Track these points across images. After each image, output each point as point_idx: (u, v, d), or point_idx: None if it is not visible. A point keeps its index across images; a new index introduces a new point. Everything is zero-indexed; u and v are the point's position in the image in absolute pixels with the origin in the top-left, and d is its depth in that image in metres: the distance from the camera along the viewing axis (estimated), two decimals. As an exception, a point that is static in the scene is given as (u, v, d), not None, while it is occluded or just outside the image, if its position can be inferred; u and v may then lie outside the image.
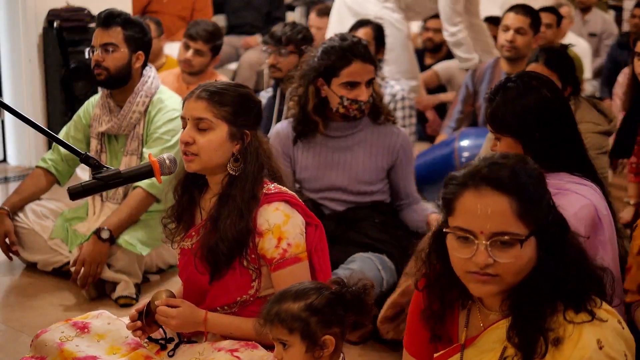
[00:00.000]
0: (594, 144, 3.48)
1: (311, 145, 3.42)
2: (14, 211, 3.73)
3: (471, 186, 1.69)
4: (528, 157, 1.79)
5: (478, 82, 4.98)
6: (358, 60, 3.24)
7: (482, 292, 1.73)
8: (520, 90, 2.40)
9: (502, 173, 1.68)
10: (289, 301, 2.00)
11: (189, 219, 2.45)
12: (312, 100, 3.33)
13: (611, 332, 1.68)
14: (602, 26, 7.94)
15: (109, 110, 3.74)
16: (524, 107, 2.37)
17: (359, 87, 3.26)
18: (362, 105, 3.28)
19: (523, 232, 1.66)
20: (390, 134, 3.43)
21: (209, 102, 2.33)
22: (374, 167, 3.42)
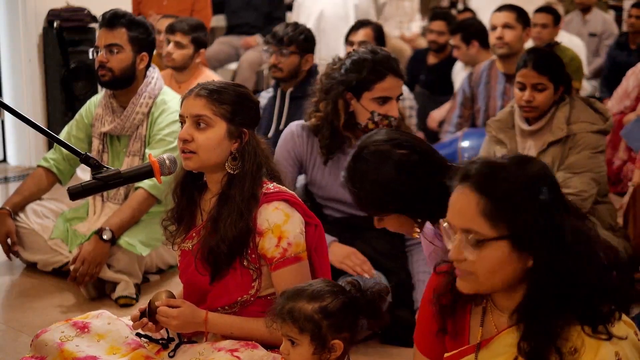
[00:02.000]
0: (589, 144, 3.49)
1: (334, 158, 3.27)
2: (15, 211, 3.73)
3: (459, 182, 1.70)
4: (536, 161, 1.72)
5: (475, 85, 4.98)
6: (392, 75, 3.12)
7: (462, 288, 1.72)
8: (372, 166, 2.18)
9: (480, 171, 1.67)
10: (304, 301, 2.00)
11: (189, 220, 2.45)
12: (342, 116, 3.17)
13: (629, 344, 1.67)
14: (603, 26, 7.94)
15: (111, 111, 3.74)
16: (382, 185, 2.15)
17: (390, 103, 3.13)
18: (393, 121, 3.13)
19: (489, 234, 1.64)
20: None
21: (208, 99, 2.33)
22: None
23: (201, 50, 4.90)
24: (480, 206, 1.64)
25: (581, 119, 3.52)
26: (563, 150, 3.50)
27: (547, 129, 3.54)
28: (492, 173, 1.66)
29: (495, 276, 1.67)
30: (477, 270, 1.67)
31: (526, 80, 3.49)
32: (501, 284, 1.69)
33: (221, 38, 7.76)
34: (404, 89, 4.91)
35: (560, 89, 3.52)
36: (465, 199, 1.66)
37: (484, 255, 1.65)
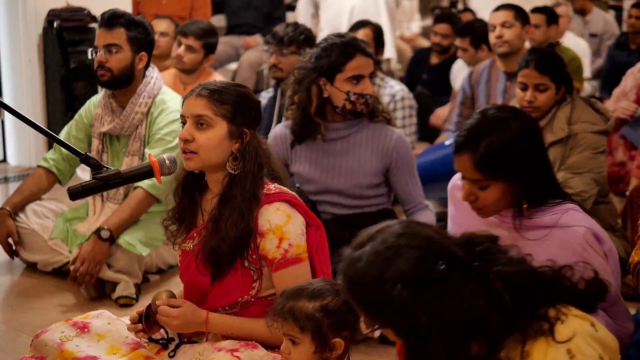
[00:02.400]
0: (590, 144, 3.49)
1: (308, 149, 3.38)
2: (15, 211, 3.73)
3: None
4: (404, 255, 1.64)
5: (475, 84, 4.98)
6: (360, 54, 3.23)
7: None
8: (505, 130, 2.21)
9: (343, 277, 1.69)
10: (305, 299, 2.00)
11: (190, 220, 2.45)
12: (314, 101, 3.28)
13: (582, 338, 1.67)
14: (603, 27, 7.94)
15: (111, 111, 3.74)
16: (520, 147, 2.21)
17: (364, 81, 3.24)
18: (369, 99, 3.26)
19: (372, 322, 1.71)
20: (383, 136, 3.36)
21: (209, 99, 2.33)
22: (369, 170, 3.35)
23: (210, 56, 4.91)
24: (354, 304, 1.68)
25: (582, 119, 3.52)
26: (564, 151, 3.51)
27: (548, 129, 3.54)
28: (352, 280, 1.65)
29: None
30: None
31: (528, 80, 3.49)
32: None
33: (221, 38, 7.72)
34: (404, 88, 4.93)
35: (562, 89, 3.52)
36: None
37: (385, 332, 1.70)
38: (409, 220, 1.74)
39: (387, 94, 4.83)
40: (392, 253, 1.63)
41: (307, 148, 3.39)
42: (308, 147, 3.39)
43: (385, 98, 4.82)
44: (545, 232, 2.23)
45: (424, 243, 1.66)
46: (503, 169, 2.19)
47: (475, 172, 2.20)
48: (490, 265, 1.71)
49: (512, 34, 4.64)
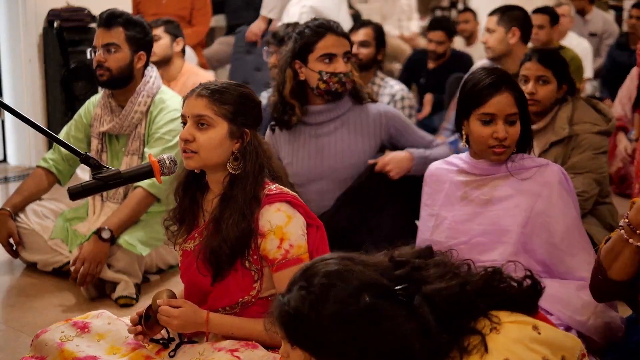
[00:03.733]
0: (592, 144, 3.48)
1: (295, 136, 3.41)
2: (15, 211, 3.73)
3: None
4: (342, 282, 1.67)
5: (477, 83, 4.98)
6: (331, 34, 3.28)
7: None
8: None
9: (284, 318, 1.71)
10: None
11: (190, 220, 2.45)
12: (289, 83, 3.36)
13: (521, 344, 1.64)
14: (603, 26, 7.94)
15: (110, 110, 3.74)
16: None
17: (337, 60, 3.27)
18: (342, 78, 3.28)
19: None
20: (369, 111, 3.43)
21: (210, 99, 2.33)
22: (361, 150, 3.39)
23: (178, 39, 4.95)
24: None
25: (584, 120, 3.52)
26: (565, 151, 3.50)
27: (549, 129, 3.54)
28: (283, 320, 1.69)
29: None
30: None
31: (530, 72, 3.50)
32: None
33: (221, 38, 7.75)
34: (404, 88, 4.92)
35: (564, 88, 3.52)
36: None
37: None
38: (333, 257, 1.74)
39: (387, 93, 4.83)
40: (316, 296, 1.65)
41: (293, 136, 3.41)
42: (294, 135, 3.41)
43: (385, 98, 4.82)
44: (533, 172, 2.69)
45: (346, 279, 1.65)
46: (526, 107, 2.69)
47: (514, 106, 2.62)
48: (418, 285, 1.69)
49: (493, 39, 4.73)
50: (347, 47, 3.33)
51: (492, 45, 4.73)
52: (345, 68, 3.30)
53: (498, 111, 2.61)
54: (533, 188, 2.67)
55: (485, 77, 2.64)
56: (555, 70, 3.50)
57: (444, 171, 2.83)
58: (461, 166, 2.78)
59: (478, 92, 2.63)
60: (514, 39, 4.67)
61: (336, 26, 3.32)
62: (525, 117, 2.69)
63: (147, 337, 2.35)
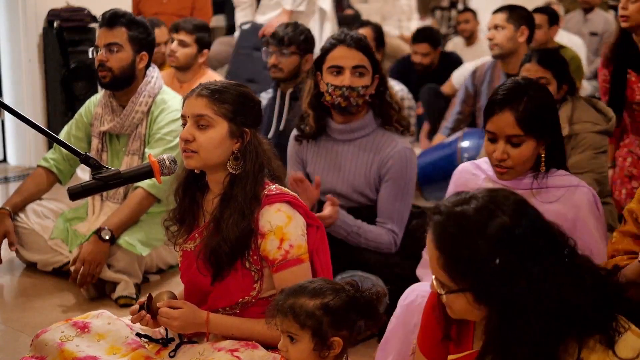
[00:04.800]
0: (592, 144, 3.48)
1: (320, 147, 3.35)
2: (15, 211, 3.73)
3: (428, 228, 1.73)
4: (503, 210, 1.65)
5: (479, 82, 4.98)
6: (342, 46, 3.17)
7: (451, 316, 1.79)
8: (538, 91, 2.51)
9: (438, 227, 1.67)
10: (306, 297, 2.00)
11: (191, 221, 2.45)
12: (308, 93, 3.30)
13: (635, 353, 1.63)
14: (604, 25, 7.94)
15: (111, 110, 3.74)
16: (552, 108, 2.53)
17: (343, 73, 3.16)
18: (345, 92, 3.13)
19: (450, 285, 1.68)
20: (387, 145, 3.24)
21: (210, 99, 2.33)
22: (365, 176, 3.27)
23: (204, 51, 4.90)
24: (440, 261, 1.67)
25: (584, 119, 3.52)
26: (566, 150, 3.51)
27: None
28: (449, 231, 1.65)
29: (465, 316, 1.74)
30: (453, 312, 1.75)
31: (530, 74, 3.50)
32: (473, 319, 1.75)
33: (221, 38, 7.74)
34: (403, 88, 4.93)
35: (564, 88, 3.52)
36: (429, 249, 1.70)
37: (452, 300, 1.72)
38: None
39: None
40: (498, 210, 1.63)
41: (318, 147, 3.36)
42: (319, 146, 3.36)
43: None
44: (560, 193, 2.51)
45: (533, 215, 1.67)
46: (540, 126, 2.45)
47: (516, 127, 2.42)
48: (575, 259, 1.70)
49: (502, 37, 4.65)
50: (359, 60, 3.16)
51: (500, 42, 4.66)
52: (350, 82, 3.14)
53: (497, 130, 2.46)
54: (558, 209, 2.46)
55: (498, 93, 2.51)
56: (556, 71, 3.50)
57: (471, 176, 2.70)
58: (489, 173, 2.64)
59: (487, 107, 2.51)
60: (523, 37, 4.65)
61: (351, 38, 3.18)
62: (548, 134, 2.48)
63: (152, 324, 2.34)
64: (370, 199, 3.31)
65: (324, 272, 2.43)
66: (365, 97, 3.18)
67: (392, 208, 3.26)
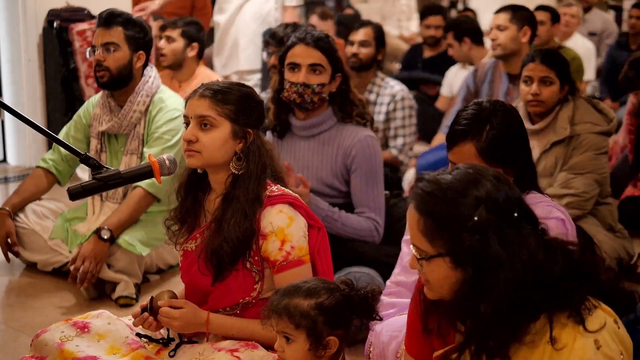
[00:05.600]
0: (593, 145, 3.49)
1: (286, 144, 3.38)
2: (14, 211, 3.73)
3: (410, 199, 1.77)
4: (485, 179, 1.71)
5: (480, 81, 4.97)
6: (302, 44, 3.20)
7: (426, 293, 1.80)
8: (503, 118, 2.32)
9: (422, 191, 1.72)
10: (300, 297, 2.01)
11: (192, 220, 2.45)
12: (272, 88, 3.37)
13: (608, 332, 1.69)
14: (602, 25, 7.95)
15: (109, 110, 3.74)
16: (518, 135, 2.33)
17: (300, 70, 3.19)
18: (300, 88, 3.17)
19: (429, 251, 1.70)
20: (348, 136, 3.27)
21: (212, 100, 2.33)
22: (331, 169, 3.29)
23: (193, 44, 4.87)
24: (420, 225, 1.71)
25: (584, 120, 3.52)
26: (566, 151, 3.51)
27: (550, 129, 3.54)
28: (432, 194, 1.70)
29: (443, 287, 1.74)
30: (430, 282, 1.76)
31: (533, 73, 3.50)
32: (450, 294, 1.74)
33: (221, 38, 7.74)
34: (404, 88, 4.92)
35: (566, 88, 3.52)
36: (410, 216, 1.74)
37: (430, 269, 1.73)
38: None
39: (387, 94, 4.83)
40: (480, 177, 1.71)
41: (287, 145, 3.38)
42: (288, 143, 3.38)
43: (385, 98, 4.82)
44: None
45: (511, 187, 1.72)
46: (504, 155, 2.27)
47: (478, 159, 2.27)
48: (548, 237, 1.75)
49: (505, 37, 4.63)
50: (316, 59, 3.18)
51: (502, 42, 4.65)
52: (305, 79, 3.17)
53: (460, 162, 2.21)
54: None
55: (459, 121, 2.33)
56: (558, 71, 3.50)
57: None
58: None
59: (448, 135, 2.37)
60: (525, 38, 4.64)
61: (310, 37, 3.20)
62: (515, 162, 2.32)
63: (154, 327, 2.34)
64: (342, 192, 3.34)
65: (325, 273, 2.43)
66: (321, 94, 3.22)
67: (366, 196, 3.30)
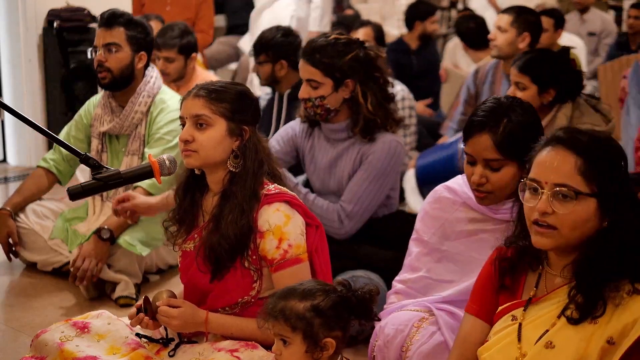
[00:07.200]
0: (591, 144, 3.49)
1: (317, 141, 3.37)
2: (15, 211, 3.73)
3: (549, 145, 1.92)
4: (613, 137, 1.96)
5: (480, 83, 4.97)
6: (302, 59, 3.21)
7: (541, 244, 1.90)
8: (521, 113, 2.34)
9: (579, 137, 1.90)
10: (296, 299, 2.01)
11: (190, 221, 2.45)
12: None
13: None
14: (601, 25, 7.94)
15: (110, 110, 3.74)
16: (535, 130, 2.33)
17: (303, 84, 3.22)
18: (304, 102, 3.22)
19: (583, 189, 1.84)
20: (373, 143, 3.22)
21: (207, 99, 2.34)
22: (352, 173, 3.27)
23: (192, 55, 4.80)
24: (578, 165, 1.85)
25: (583, 120, 3.53)
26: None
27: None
28: (590, 138, 1.89)
29: (575, 232, 1.87)
30: (562, 224, 1.86)
31: (512, 78, 3.55)
32: (578, 240, 1.88)
33: (221, 38, 7.76)
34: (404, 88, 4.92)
35: (551, 93, 3.51)
36: (562, 158, 1.87)
37: (574, 209, 1.85)
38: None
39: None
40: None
41: (314, 140, 3.38)
42: (315, 139, 3.38)
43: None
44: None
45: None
46: (520, 150, 2.22)
47: (494, 151, 2.30)
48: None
49: (502, 39, 4.64)
50: (310, 74, 3.16)
51: (499, 44, 4.65)
52: (308, 93, 3.17)
53: (475, 153, 2.33)
54: None
55: (477, 113, 2.36)
56: (534, 77, 3.49)
57: (450, 204, 2.53)
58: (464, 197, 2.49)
59: (465, 127, 2.38)
60: (524, 44, 4.62)
61: (311, 50, 3.17)
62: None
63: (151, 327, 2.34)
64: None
65: (323, 271, 2.43)
66: (323, 106, 3.18)
67: (356, 188, 3.23)
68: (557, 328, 1.89)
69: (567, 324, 1.87)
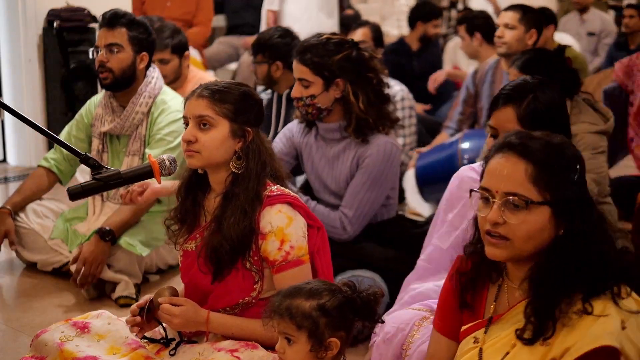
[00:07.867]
0: (589, 144, 3.48)
1: (315, 140, 3.38)
2: (15, 211, 3.74)
3: (500, 151, 1.84)
4: (569, 141, 1.88)
5: (479, 83, 4.97)
6: (294, 58, 3.23)
7: (495, 255, 1.84)
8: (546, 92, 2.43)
9: (530, 143, 1.81)
10: (302, 298, 2.01)
11: (192, 220, 2.45)
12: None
13: (636, 320, 1.74)
14: (601, 25, 7.95)
15: (111, 110, 3.74)
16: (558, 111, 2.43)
17: (296, 83, 3.23)
18: (296, 101, 3.23)
19: (535, 198, 1.77)
20: (368, 146, 3.22)
21: (210, 99, 2.34)
22: (350, 172, 3.28)
23: (185, 54, 4.78)
24: (529, 172, 1.78)
25: (582, 120, 3.53)
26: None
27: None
28: (542, 144, 1.81)
29: (529, 242, 1.80)
30: (515, 235, 1.80)
31: (512, 78, 3.55)
32: (533, 250, 1.81)
33: (221, 38, 7.76)
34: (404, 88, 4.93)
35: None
36: (512, 165, 1.80)
37: (526, 219, 1.78)
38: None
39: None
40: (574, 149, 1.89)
41: (312, 139, 3.38)
42: (313, 138, 3.38)
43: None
44: None
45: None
46: (541, 127, 2.20)
47: (516, 125, 2.35)
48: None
49: (511, 36, 4.62)
50: (301, 74, 3.18)
51: (508, 41, 4.63)
52: (300, 92, 3.19)
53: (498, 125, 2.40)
54: None
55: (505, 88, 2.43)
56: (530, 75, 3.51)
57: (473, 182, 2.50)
58: None
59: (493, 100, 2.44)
60: (531, 40, 4.62)
61: (303, 50, 3.19)
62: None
63: (143, 331, 2.35)
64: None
65: (325, 273, 2.43)
66: (314, 105, 3.20)
67: (356, 194, 3.25)
68: (515, 351, 1.82)
69: (523, 346, 1.81)
